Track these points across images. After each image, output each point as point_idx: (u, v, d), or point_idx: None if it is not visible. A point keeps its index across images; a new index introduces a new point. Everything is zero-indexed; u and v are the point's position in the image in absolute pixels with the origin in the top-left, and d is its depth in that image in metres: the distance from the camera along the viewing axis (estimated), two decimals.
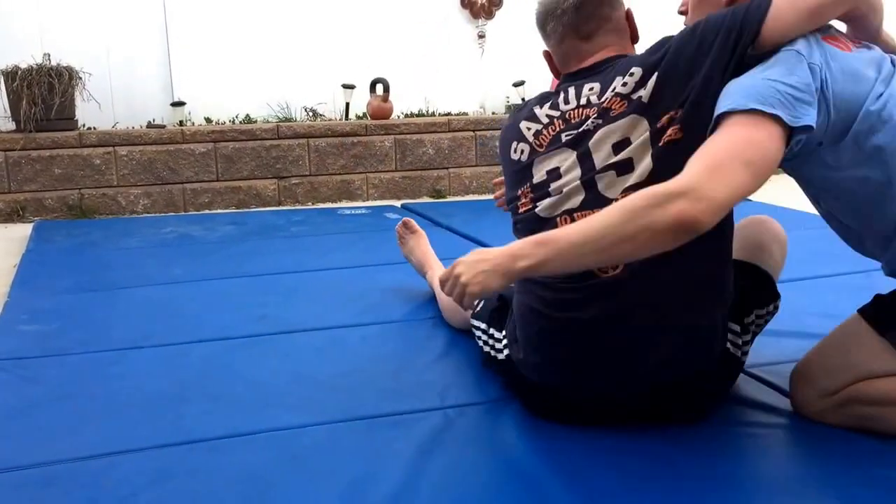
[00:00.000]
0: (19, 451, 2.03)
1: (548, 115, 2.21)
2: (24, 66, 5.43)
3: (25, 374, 2.54)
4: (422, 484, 1.86)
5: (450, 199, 6.14)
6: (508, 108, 6.88)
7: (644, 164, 1.99)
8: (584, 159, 2.08)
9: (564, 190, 2.08)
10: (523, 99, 6.82)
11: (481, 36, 6.93)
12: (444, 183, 6.23)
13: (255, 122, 6.22)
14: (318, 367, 2.56)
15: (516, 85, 6.80)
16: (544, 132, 2.19)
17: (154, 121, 6.05)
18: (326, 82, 6.40)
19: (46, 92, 5.39)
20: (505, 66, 6.89)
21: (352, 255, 4.06)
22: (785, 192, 3.66)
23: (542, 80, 6.73)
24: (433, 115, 6.73)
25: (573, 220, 2.02)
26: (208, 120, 6.21)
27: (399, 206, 5.66)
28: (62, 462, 1.96)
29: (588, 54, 2.26)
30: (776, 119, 1.77)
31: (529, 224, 2.11)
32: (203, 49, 6.19)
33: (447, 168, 6.24)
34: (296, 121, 6.24)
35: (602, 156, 2.05)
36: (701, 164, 1.74)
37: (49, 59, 5.52)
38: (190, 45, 6.15)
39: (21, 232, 4.92)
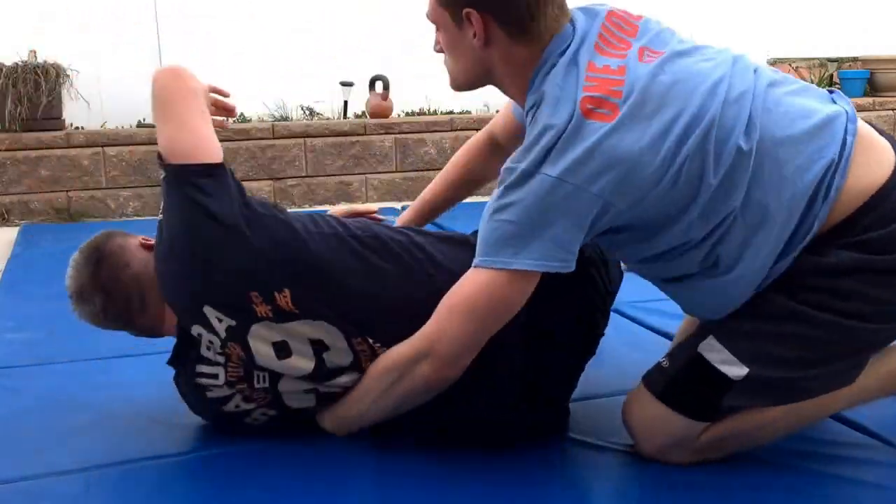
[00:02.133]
0: (5, 463, 2.04)
1: None
2: (9, 63, 5.42)
3: (11, 383, 2.54)
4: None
5: None
6: None
7: None
8: None
9: None
10: None
11: None
12: None
13: (250, 121, 6.22)
14: None
15: None
16: None
17: (144, 120, 6.04)
18: (324, 80, 6.40)
19: (32, 90, 5.38)
20: None
21: None
22: None
23: None
24: (435, 113, 6.73)
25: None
26: None
27: (400, 208, 5.66)
28: (50, 475, 1.97)
29: None
30: None
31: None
32: (195, 45, 6.19)
33: None
34: (292, 120, 6.24)
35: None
36: (433, 317, 1.91)
37: (35, 57, 5.52)
38: (181, 41, 6.15)
39: (6, 236, 4.92)
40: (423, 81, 6.65)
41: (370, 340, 1.99)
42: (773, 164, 1.82)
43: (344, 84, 6.32)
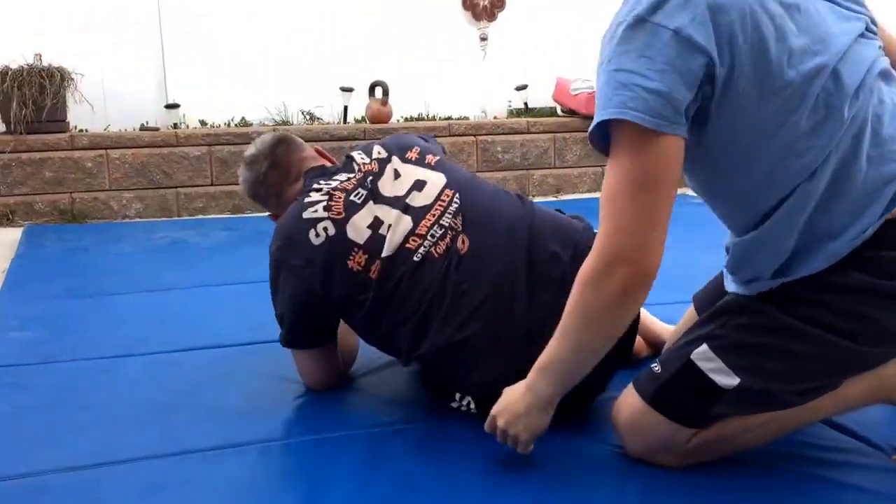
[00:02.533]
0: (8, 460, 2.06)
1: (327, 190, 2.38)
2: (14, 66, 5.44)
3: (15, 381, 2.56)
4: (412, 495, 1.89)
5: None
6: (510, 112, 6.91)
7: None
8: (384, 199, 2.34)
9: (392, 224, 2.27)
10: (525, 104, 6.85)
11: (483, 38, 6.96)
12: None
13: (251, 125, 6.24)
14: None
15: (519, 89, 6.82)
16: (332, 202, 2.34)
17: (147, 123, 6.07)
18: (324, 85, 6.42)
19: (37, 93, 5.41)
20: (507, 70, 6.92)
21: None
22: None
23: (544, 83, 6.77)
24: (433, 119, 6.75)
25: (416, 235, 2.25)
26: (203, 123, 6.24)
27: None
28: (51, 472, 1.99)
29: None
30: None
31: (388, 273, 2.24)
32: (198, 50, 6.21)
33: None
34: (293, 124, 6.26)
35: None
36: (600, 222, 1.77)
37: (40, 60, 5.54)
38: (184, 46, 6.17)
39: (11, 237, 4.95)
40: (422, 87, 6.69)
41: None
42: (865, 147, 1.78)
43: (344, 90, 6.34)
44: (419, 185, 2.35)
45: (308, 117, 6.41)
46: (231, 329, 3.03)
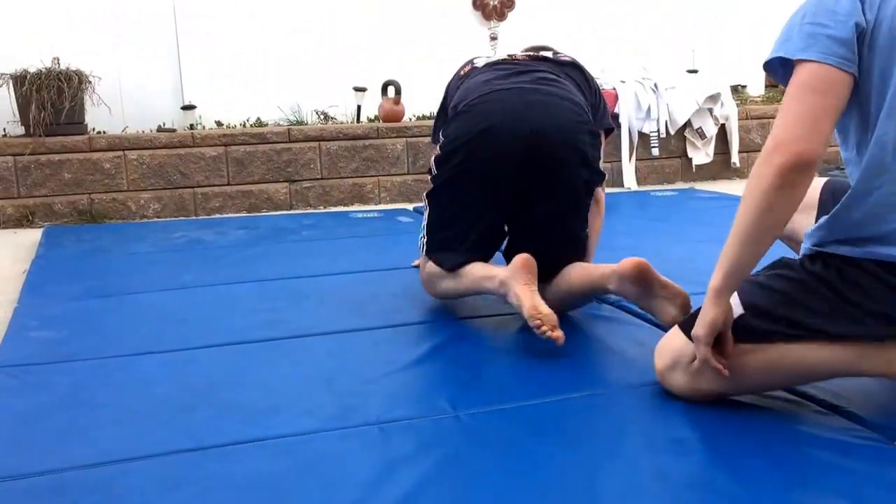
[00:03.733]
0: (29, 458, 2.04)
1: None
2: (33, 70, 5.44)
3: (35, 380, 2.55)
4: (434, 490, 1.86)
5: None
6: None
7: None
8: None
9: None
10: None
11: (493, 38, 6.93)
12: None
13: (266, 125, 6.23)
14: (330, 372, 2.56)
15: None
16: None
17: (164, 125, 6.07)
18: (337, 85, 6.42)
19: (55, 96, 5.40)
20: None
21: (364, 259, 4.07)
22: None
23: None
24: None
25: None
26: (219, 123, 6.23)
27: (412, 209, 5.66)
28: (72, 469, 1.97)
29: None
30: None
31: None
32: (213, 52, 6.21)
33: None
34: (307, 124, 6.25)
35: None
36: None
37: (58, 63, 5.54)
38: (200, 48, 6.17)
39: (31, 237, 4.94)
40: (434, 86, 6.67)
41: None
42: None
43: (357, 89, 6.33)
44: None
45: (322, 117, 6.40)
46: (248, 326, 3.02)
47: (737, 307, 2.12)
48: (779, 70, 2.06)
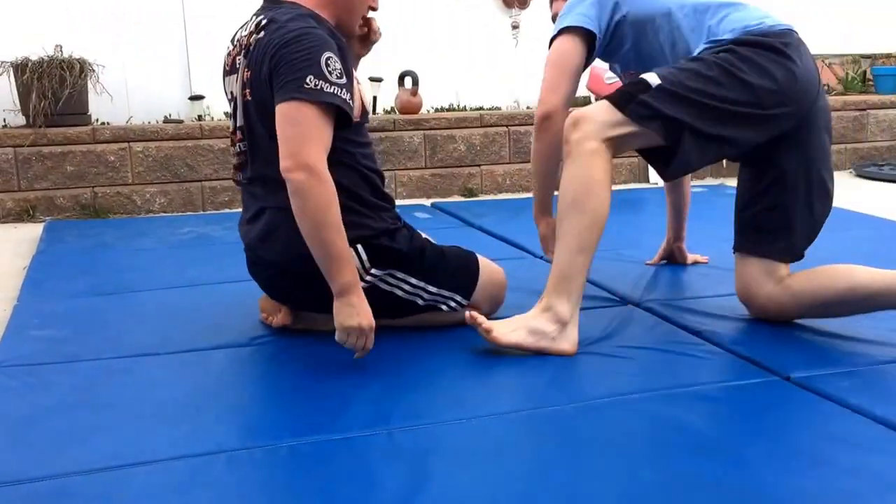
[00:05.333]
0: (30, 461, 2.05)
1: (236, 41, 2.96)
2: (34, 58, 5.46)
3: (36, 381, 2.56)
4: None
5: (482, 197, 6.14)
6: None
7: None
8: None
9: None
10: None
11: (515, 26, 6.93)
12: (476, 181, 6.23)
13: None
14: (340, 374, 2.56)
15: None
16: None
17: (171, 115, 6.08)
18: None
19: (57, 85, 5.41)
20: (540, 58, 6.82)
21: None
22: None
23: None
24: (464, 109, 6.73)
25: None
26: (228, 114, 6.23)
27: (429, 205, 5.66)
28: (74, 474, 1.98)
29: None
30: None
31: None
32: (222, 40, 6.19)
33: (479, 165, 6.25)
34: None
35: None
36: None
37: (61, 51, 5.55)
38: (209, 36, 6.17)
39: (32, 232, 4.96)
40: (453, 77, 6.67)
41: None
42: None
43: (373, 80, 6.33)
44: None
45: None
46: (258, 327, 3.02)
47: (651, 77, 2.75)
48: None
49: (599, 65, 4.13)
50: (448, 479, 1.93)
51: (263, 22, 2.69)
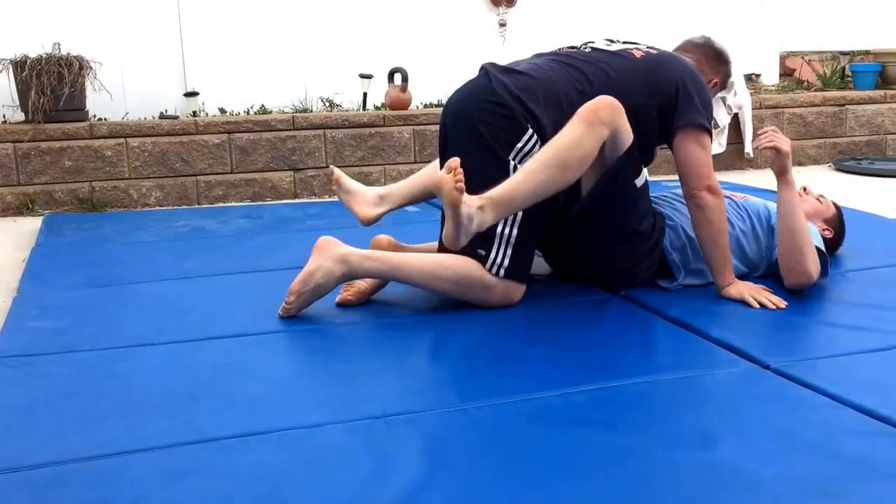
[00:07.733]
0: (28, 449, 2.05)
1: None
2: (33, 55, 5.44)
3: (35, 371, 2.55)
4: (437, 483, 1.86)
5: None
6: None
7: None
8: None
9: None
10: None
11: (502, 24, 6.92)
12: None
13: (271, 112, 6.22)
14: (333, 365, 2.56)
15: None
16: None
17: (167, 111, 6.06)
18: (343, 72, 6.40)
19: (56, 82, 5.39)
20: (527, 56, 6.87)
21: None
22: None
23: None
24: None
25: None
26: (222, 110, 6.23)
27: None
28: (72, 461, 1.98)
29: None
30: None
31: None
32: (217, 38, 6.20)
33: None
34: (312, 111, 6.24)
35: None
36: None
37: (59, 49, 5.53)
38: (203, 34, 6.16)
39: (30, 226, 4.95)
40: (442, 73, 6.65)
41: None
42: None
43: (363, 76, 6.32)
44: None
45: (327, 104, 6.39)
46: (252, 318, 3.01)
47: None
48: None
49: None
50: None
51: None
